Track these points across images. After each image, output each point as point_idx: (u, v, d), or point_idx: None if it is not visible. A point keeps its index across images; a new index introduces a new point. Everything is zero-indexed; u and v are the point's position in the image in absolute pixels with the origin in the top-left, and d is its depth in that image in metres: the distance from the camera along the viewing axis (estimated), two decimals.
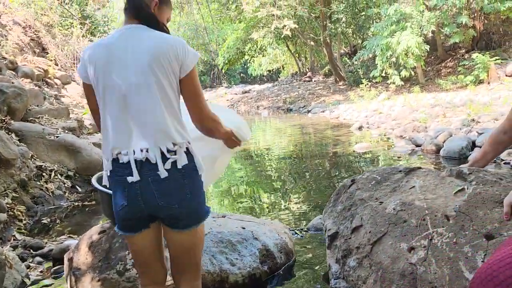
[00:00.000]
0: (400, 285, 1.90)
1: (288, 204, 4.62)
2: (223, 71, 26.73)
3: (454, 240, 1.90)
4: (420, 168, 2.57)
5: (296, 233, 3.47)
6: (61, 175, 5.17)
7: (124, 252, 2.44)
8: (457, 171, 2.32)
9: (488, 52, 12.99)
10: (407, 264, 1.93)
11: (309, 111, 16.00)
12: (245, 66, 33.25)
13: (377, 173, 2.62)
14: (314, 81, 23.28)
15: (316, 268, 2.82)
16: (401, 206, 2.18)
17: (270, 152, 8.52)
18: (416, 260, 1.92)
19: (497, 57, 12.31)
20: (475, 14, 13.96)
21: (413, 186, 2.34)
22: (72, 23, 11.61)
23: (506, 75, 12.00)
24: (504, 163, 5.43)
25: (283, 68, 31.54)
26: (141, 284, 1.74)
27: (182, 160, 1.53)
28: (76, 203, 4.86)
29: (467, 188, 2.15)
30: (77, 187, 5.23)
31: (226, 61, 22.71)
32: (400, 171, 2.55)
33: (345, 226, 2.40)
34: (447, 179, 2.32)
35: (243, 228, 2.80)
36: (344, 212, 2.52)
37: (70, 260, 2.61)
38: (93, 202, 4.81)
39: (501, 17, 13.78)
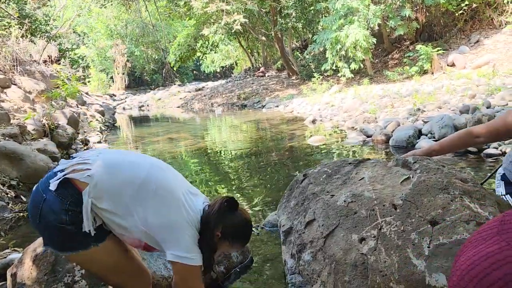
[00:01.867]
0: (353, 275, 1.93)
1: (244, 201, 4.61)
2: (175, 69, 26.30)
3: (402, 228, 1.95)
4: (368, 159, 2.63)
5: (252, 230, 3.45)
6: (3, 185, 4.87)
7: (72, 264, 2.32)
8: (403, 161, 2.39)
9: (431, 44, 13.59)
10: (358, 255, 1.96)
11: (263, 106, 16.08)
12: (198, 63, 32.94)
13: (328, 166, 2.65)
14: (268, 76, 23.40)
15: (273, 264, 2.82)
16: (351, 198, 2.22)
17: (225, 149, 8.47)
18: (366, 250, 1.96)
19: (439, 48, 12.89)
20: (418, 7, 14.54)
21: (362, 178, 2.39)
22: (10, 22, 10.97)
23: (448, 65, 12.60)
24: None
25: (236, 64, 31.50)
26: None
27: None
28: (21, 214, 4.59)
29: (412, 177, 2.21)
30: (22, 196, 4.96)
31: (178, 59, 22.33)
32: (350, 163, 2.59)
33: (299, 221, 2.42)
34: (394, 169, 2.38)
35: None
36: (297, 207, 2.54)
37: (14, 275, 2.45)
38: None
39: (441, 9, 14.44)
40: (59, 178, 1.58)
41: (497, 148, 5.22)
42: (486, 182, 2.83)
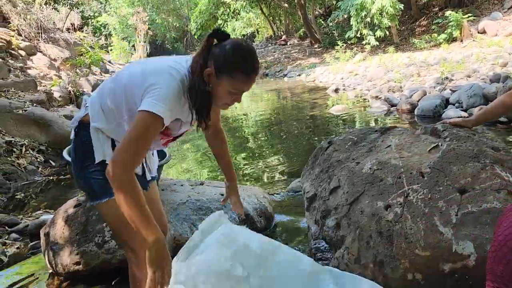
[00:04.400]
0: (378, 242, 1.93)
1: (267, 169, 4.63)
2: (196, 36, 26.09)
3: (429, 196, 1.93)
4: (395, 127, 2.58)
5: (275, 196, 3.49)
6: (33, 149, 5.02)
7: (102, 225, 2.40)
8: (431, 128, 2.34)
9: (461, 10, 13.02)
10: (384, 222, 1.96)
11: (285, 75, 15.90)
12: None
13: (353, 134, 2.62)
14: (290, 44, 23.01)
15: (296, 230, 2.86)
16: (377, 166, 2.19)
17: (247, 118, 8.47)
18: (392, 217, 1.95)
19: (469, 14, 12.35)
20: None
21: (389, 145, 2.35)
22: None
23: (479, 32, 12.09)
24: None
25: (257, 32, 31.01)
26: None
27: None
28: (51, 178, 4.75)
29: (441, 145, 2.17)
30: (51, 161, 5.11)
31: (199, 27, 22.09)
32: (376, 131, 2.55)
33: (323, 188, 2.41)
34: (421, 137, 2.34)
35: (222, 194, 2.79)
36: (321, 174, 2.53)
37: (47, 235, 2.56)
38: (68, 176, 4.72)
39: None
40: (73, 124, 1.66)
41: None
42: None
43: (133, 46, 30.80)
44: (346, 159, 2.42)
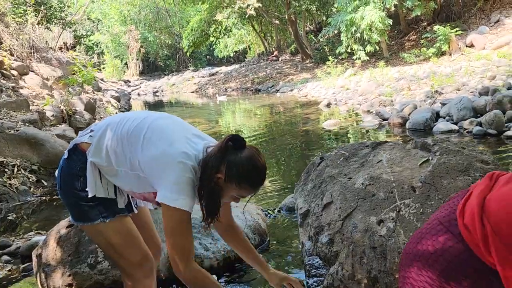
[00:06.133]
0: (371, 257, 1.94)
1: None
2: (188, 54, 26.25)
3: (421, 210, 1.94)
4: (386, 142, 2.61)
5: (269, 213, 3.48)
6: (25, 169, 4.98)
7: (94, 245, 2.38)
8: (421, 142, 2.37)
9: (449, 24, 13.25)
10: (377, 237, 1.97)
11: (277, 91, 16.00)
12: (211, 48, 32.74)
13: (345, 149, 2.64)
14: (281, 60, 23.21)
15: (290, 246, 2.85)
16: (369, 181, 2.21)
17: (240, 133, 8.49)
18: (385, 232, 1.96)
19: (457, 29, 12.57)
20: None
21: (380, 160, 2.38)
22: (26, 10, 11.06)
23: (467, 46, 12.29)
24: (467, 132, 5.61)
25: (249, 49, 31.27)
26: None
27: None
28: (43, 198, 4.71)
29: (432, 159, 2.20)
30: (43, 181, 5.07)
31: (191, 44, 22.25)
32: (367, 146, 2.58)
33: (316, 204, 2.42)
34: (412, 151, 2.37)
35: None
36: (314, 190, 2.54)
37: (39, 256, 2.53)
38: None
39: None
40: (70, 146, 1.66)
41: None
42: (507, 164, 2.80)
43: (126, 63, 30.91)
44: (338, 174, 2.44)
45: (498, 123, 5.27)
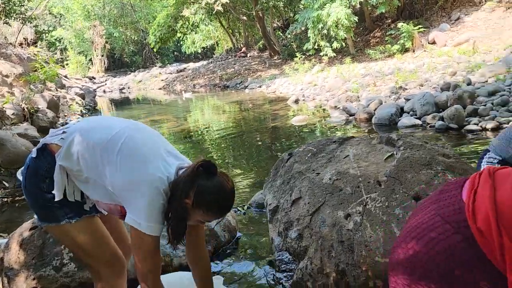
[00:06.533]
0: (339, 251, 1.98)
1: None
2: (155, 50, 25.81)
3: (386, 204, 1.99)
4: (353, 137, 2.66)
5: (238, 210, 3.49)
6: None
7: (60, 247, 2.32)
8: (386, 137, 2.43)
9: (412, 21, 13.61)
10: (344, 231, 2.01)
11: (246, 87, 15.99)
12: (178, 44, 32.32)
13: (312, 145, 2.68)
14: (250, 56, 23.20)
15: (260, 242, 2.87)
16: (336, 176, 2.25)
17: (209, 130, 8.44)
18: (352, 226, 2.00)
19: (420, 26, 12.93)
20: None
21: (347, 155, 2.42)
22: None
23: (429, 43, 12.67)
24: (430, 126, 5.79)
25: (217, 45, 31.07)
26: None
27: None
28: (5, 199, 4.54)
29: (396, 154, 2.26)
30: (4, 182, 4.88)
31: (158, 40, 21.86)
32: (334, 141, 2.62)
33: (285, 200, 2.44)
34: (378, 146, 2.42)
35: None
36: (283, 186, 2.56)
37: (1, 260, 2.44)
38: (23, 197, 4.51)
39: None
40: (39, 145, 1.60)
41: (477, 124, 5.33)
42: (467, 157, 2.90)
43: (90, 60, 30.10)
44: (307, 170, 2.47)
45: (459, 117, 5.47)
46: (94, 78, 26.66)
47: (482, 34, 11.76)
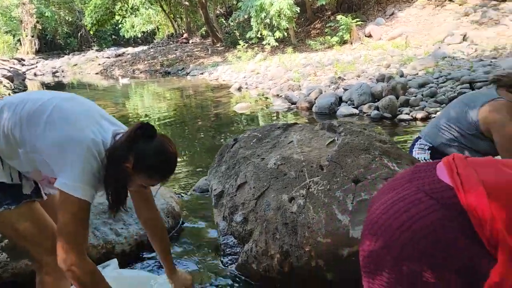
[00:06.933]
0: (283, 233, 2.04)
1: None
2: (92, 32, 24.59)
3: (328, 187, 2.08)
4: (296, 123, 2.74)
5: (182, 195, 3.46)
6: None
7: None
8: (328, 124, 2.52)
9: (350, 14, 14.09)
10: (288, 213, 2.07)
11: (187, 74, 15.76)
12: (117, 28, 31.01)
13: (257, 131, 2.72)
14: (192, 42, 22.84)
15: (204, 227, 2.87)
16: (281, 161, 2.30)
17: (150, 117, 8.24)
18: (296, 209, 2.07)
19: (357, 19, 13.43)
20: None
21: (291, 141, 2.49)
22: None
23: (366, 36, 13.20)
24: (366, 115, 6.07)
25: (158, 30, 30.24)
26: None
27: None
28: None
29: (337, 139, 2.35)
30: None
31: (95, 22, 20.84)
32: (279, 127, 2.68)
33: (230, 184, 2.47)
34: (320, 132, 2.51)
35: None
36: (228, 171, 2.58)
37: None
38: None
39: None
40: None
41: (408, 114, 5.67)
42: (400, 145, 3.08)
43: (19, 40, 28.07)
44: (252, 155, 2.51)
45: (392, 107, 5.78)
46: (24, 60, 24.94)
47: (414, 29, 12.44)
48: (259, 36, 14.85)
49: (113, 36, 34.52)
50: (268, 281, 2.09)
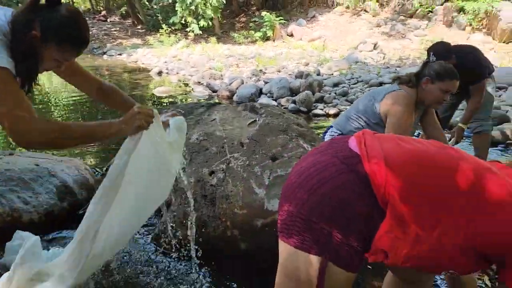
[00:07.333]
0: (202, 204, 2.11)
1: (86, 147, 4.39)
2: None
3: (247, 163, 2.19)
4: (220, 103, 2.81)
5: (97, 171, 3.36)
6: None
7: None
8: (250, 105, 2.63)
9: (274, 12, 14.47)
10: (208, 186, 2.14)
11: (104, 53, 15.01)
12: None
13: (181, 107, 2.74)
14: (110, 21, 21.72)
15: None
16: (203, 136, 2.37)
17: (58, 96, 7.74)
18: (215, 182, 2.15)
19: (281, 18, 13.84)
20: None
21: (214, 119, 2.56)
22: None
23: (288, 35, 13.68)
24: (284, 108, 6.33)
25: (72, 3, 28.25)
26: None
27: None
28: None
29: (258, 120, 2.47)
30: None
31: None
32: (203, 106, 2.74)
33: None
34: (242, 113, 2.61)
35: (37, 165, 2.57)
36: None
37: None
38: None
39: None
40: None
41: (322, 109, 6.03)
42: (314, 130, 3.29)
43: None
44: None
45: (308, 102, 6.10)
46: None
47: (332, 34, 13.17)
48: (183, 22, 14.64)
49: (19, 5, 31.56)
50: (185, 251, 2.15)
